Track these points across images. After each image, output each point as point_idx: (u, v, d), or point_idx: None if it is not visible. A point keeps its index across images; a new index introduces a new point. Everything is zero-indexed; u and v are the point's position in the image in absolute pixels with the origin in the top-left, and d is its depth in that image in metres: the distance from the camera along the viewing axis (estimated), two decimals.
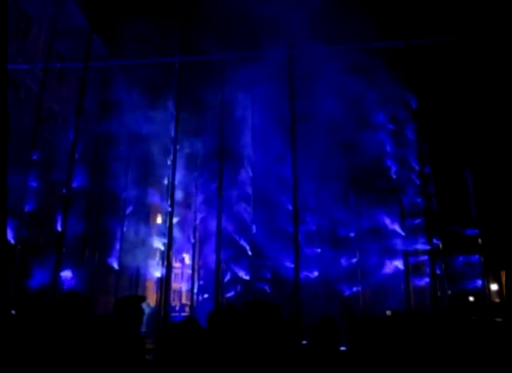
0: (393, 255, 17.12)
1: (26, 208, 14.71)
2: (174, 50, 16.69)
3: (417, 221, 16.45)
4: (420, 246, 15.94)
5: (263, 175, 19.25)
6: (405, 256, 15.35)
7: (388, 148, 17.33)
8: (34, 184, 15.04)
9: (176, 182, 15.92)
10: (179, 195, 19.02)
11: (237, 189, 19.29)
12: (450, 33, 16.78)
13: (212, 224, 17.82)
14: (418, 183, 15.94)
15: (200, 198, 20.82)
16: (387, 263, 17.65)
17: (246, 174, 19.19)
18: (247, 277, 18.32)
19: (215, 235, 14.97)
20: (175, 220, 16.29)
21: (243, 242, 18.49)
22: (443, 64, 19.81)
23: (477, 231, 18.43)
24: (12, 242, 13.77)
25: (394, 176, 16.65)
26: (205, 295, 21.18)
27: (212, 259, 16.68)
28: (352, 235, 18.88)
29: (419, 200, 16.02)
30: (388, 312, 15.81)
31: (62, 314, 3.76)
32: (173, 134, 15.76)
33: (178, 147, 16.25)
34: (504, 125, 19.75)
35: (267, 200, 19.10)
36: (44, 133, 16.80)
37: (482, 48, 18.72)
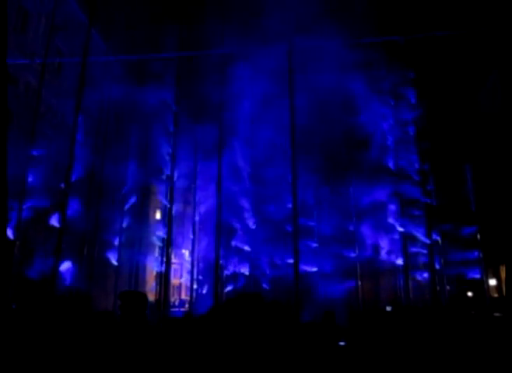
0: (391, 248, 17.15)
1: (26, 203, 14.69)
2: (173, 41, 16.65)
3: (416, 216, 16.46)
4: (419, 241, 15.97)
5: (262, 169, 19.32)
6: (405, 251, 15.37)
7: (389, 143, 17.33)
8: (33, 179, 15.02)
9: (175, 177, 15.92)
10: (178, 191, 19.02)
11: (237, 183, 19.30)
12: (452, 27, 16.73)
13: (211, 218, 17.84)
14: (418, 178, 15.96)
15: (199, 192, 20.83)
16: (386, 256, 17.69)
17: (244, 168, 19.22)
18: (246, 272, 18.37)
19: (214, 230, 14.96)
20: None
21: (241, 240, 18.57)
22: (443, 60, 19.76)
23: (476, 226, 18.43)
24: (12, 237, 13.77)
25: (394, 169, 16.66)
26: (204, 291, 21.21)
27: (210, 254, 16.71)
28: (351, 229, 18.89)
29: (418, 195, 16.03)
30: (388, 308, 15.85)
31: (62, 310, 3.77)
32: (171, 128, 15.73)
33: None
34: (503, 120, 19.74)
35: (265, 197, 19.17)
36: (43, 127, 16.75)
37: (481, 43, 18.68)
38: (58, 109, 18.98)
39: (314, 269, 18.98)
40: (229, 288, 19.42)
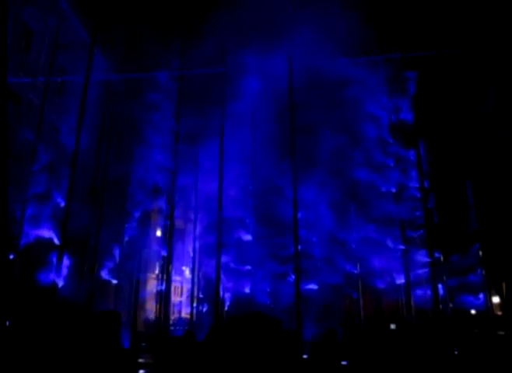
0: (394, 267, 17.01)
1: (26, 221, 14.66)
2: (175, 58, 16.85)
3: (418, 234, 16.39)
4: (421, 259, 15.86)
5: (263, 187, 19.35)
6: (406, 268, 15.26)
7: (388, 161, 17.36)
8: (35, 195, 15.05)
9: (176, 194, 15.94)
10: (179, 208, 19.01)
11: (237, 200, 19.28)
12: (447, 45, 16.93)
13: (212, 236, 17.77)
14: (418, 196, 15.94)
15: (199, 209, 20.79)
16: (388, 275, 17.53)
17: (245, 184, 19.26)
18: (247, 290, 18.22)
19: (215, 248, 14.89)
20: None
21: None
22: (442, 76, 19.93)
23: (478, 243, 18.30)
24: (12, 256, 13.71)
25: (395, 190, 16.67)
26: (204, 309, 21.01)
27: (211, 272, 16.60)
28: (352, 246, 18.77)
29: (419, 213, 15.99)
30: (393, 326, 15.66)
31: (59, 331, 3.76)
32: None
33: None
34: (503, 136, 19.82)
35: (267, 216, 19.20)
36: (45, 145, 16.83)
37: (480, 60, 18.87)
38: (60, 127, 19.12)
39: (314, 286, 18.82)
40: (228, 304, 19.24)
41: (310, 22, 17.12)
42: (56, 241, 14.50)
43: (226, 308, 18.93)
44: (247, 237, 18.50)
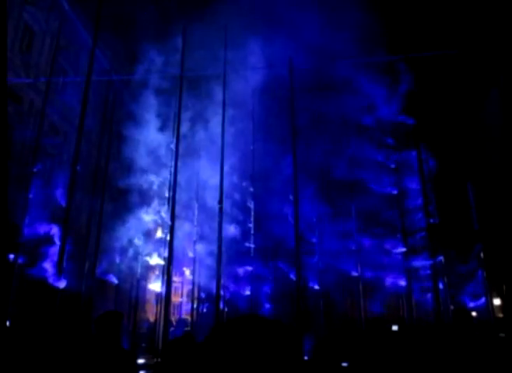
0: (394, 269, 17.00)
1: (27, 220, 14.63)
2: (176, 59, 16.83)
3: (419, 236, 16.37)
4: (422, 261, 15.84)
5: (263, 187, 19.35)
6: (408, 271, 15.24)
7: (389, 163, 17.35)
8: (34, 197, 15.01)
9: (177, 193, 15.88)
10: (179, 208, 18.96)
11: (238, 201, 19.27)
12: (446, 46, 16.92)
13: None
14: (420, 197, 15.92)
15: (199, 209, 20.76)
16: (389, 277, 17.52)
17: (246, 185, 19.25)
18: (247, 292, 18.20)
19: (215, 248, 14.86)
20: None
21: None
22: (442, 78, 19.92)
23: (479, 244, 18.27)
24: (12, 257, 13.69)
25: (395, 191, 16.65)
26: (204, 310, 20.98)
27: (211, 273, 16.58)
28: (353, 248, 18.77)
29: (420, 214, 15.97)
30: (395, 327, 15.61)
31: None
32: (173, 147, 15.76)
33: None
34: (504, 136, 19.79)
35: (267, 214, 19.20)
36: (46, 146, 16.82)
37: (481, 61, 18.86)
38: (61, 127, 19.14)
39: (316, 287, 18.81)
40: (228, 305, 19.21)
41: (311, 22, 17.15)
42: (56, 239, 14.47)
43: (223, 309, 18.90)
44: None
